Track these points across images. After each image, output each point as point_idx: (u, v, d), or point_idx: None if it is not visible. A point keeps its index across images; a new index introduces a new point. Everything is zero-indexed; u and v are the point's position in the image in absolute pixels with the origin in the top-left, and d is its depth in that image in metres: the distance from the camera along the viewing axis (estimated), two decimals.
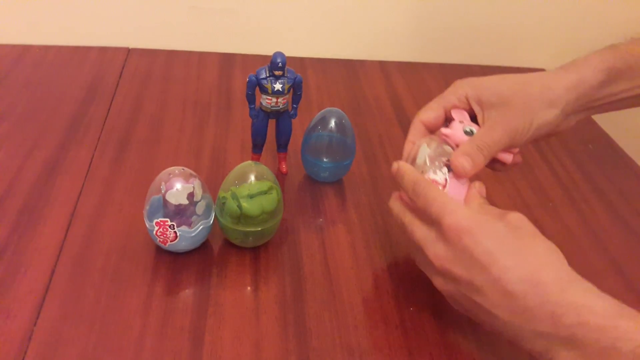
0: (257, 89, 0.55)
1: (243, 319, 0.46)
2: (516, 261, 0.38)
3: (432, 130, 0.51)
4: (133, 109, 0.71)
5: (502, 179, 0.66)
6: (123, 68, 0.79)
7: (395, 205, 0.47)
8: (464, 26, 0.91)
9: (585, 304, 0.36)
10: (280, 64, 0.53)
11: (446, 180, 0.45)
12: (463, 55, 0.93)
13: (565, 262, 0.39)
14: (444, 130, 0.48)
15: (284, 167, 0.63)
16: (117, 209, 0.55)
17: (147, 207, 0.49)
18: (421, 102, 0.57)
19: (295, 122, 0.60)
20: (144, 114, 0.70)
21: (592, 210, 0.64)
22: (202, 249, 0.52)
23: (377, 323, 0.47)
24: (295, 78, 0.55)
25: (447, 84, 0.85)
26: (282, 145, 0.62)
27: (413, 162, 0.48)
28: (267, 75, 0.54)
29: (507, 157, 0.49)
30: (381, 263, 0.53)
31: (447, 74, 0.90)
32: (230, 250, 0.52)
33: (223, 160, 0.64)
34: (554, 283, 0.37)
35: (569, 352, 0.36)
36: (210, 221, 0.50)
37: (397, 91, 0.83)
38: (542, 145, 0.74)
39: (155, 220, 0.48)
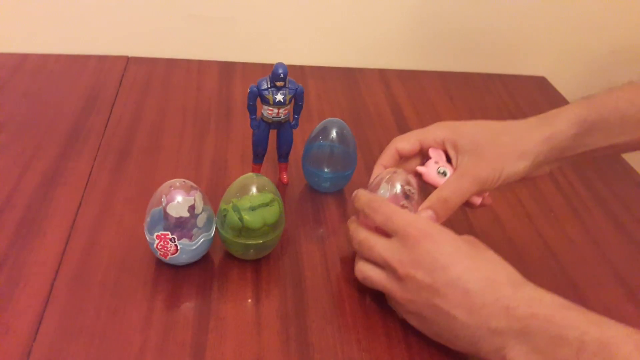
0: (258, 99, 0.55)
1: (244, 333, 0.46)
2: (473, 264, 0.42)
3: (404, 157, 0.53)
4: (133, 118, 0.70)
5: (503, 189, 0.66)
6: (122, 77, 0.79)
7: (352, 224, 0.49)
8: (464, 34, 0.91)
9: (535, 297, 0.40)
10: (281, 75, 0.52)
11: None
12: (463, 63, 0.93)
13: (515, 271, 0.43)
14: (419, 168, 0.51)
15: (284, 177, 0.63)
16: (117, 221, 0.55)
17: (147, 220, 0.49)
18: (421, 110, 0.57)
19: (296, 131, 0.60)
20: (144, 123, 0.70)
21: (593, 219, 0.64)
22: (203, 262, 0.51)
23: (380, 337, 0.47)
24: (297, 89, 0.55)
25: (447, 92, 0.87)
26: (283, 155, 0.61)
27: (375, 189, 0.50)
28: (269, 86, 0.54)
29: (476, 200, 0.52)
30: None
31: (447, 81, 0.90)
32: (231, 263, 0.52)
33: (224, 170, 0.63)
34: (507, 282, 0.41)
35: (522, 345, 0.39)
36: (211, 234, 0.50)
37: (397, 99, 0.83)
38: None
39: (155, 233, 0.47)
